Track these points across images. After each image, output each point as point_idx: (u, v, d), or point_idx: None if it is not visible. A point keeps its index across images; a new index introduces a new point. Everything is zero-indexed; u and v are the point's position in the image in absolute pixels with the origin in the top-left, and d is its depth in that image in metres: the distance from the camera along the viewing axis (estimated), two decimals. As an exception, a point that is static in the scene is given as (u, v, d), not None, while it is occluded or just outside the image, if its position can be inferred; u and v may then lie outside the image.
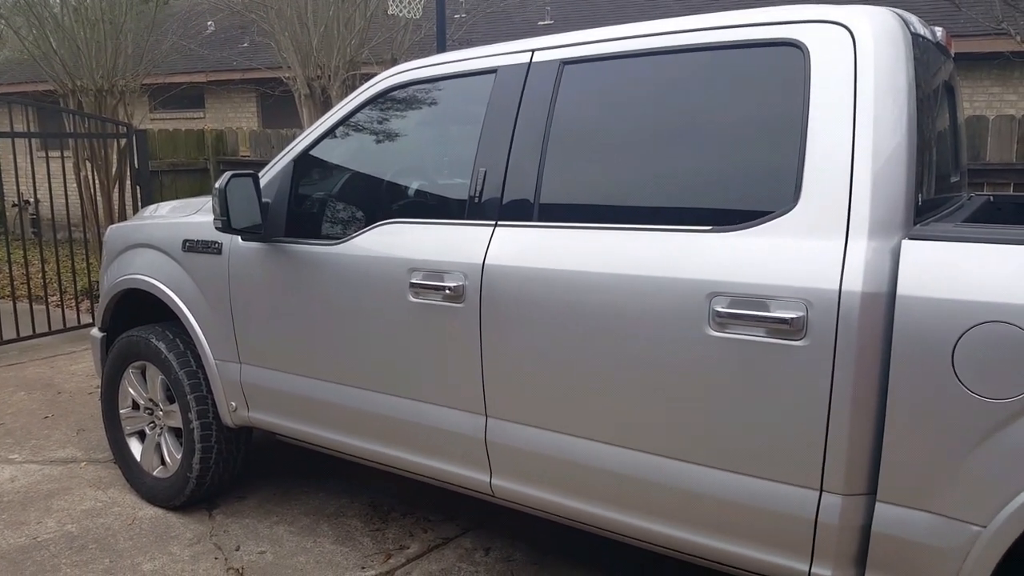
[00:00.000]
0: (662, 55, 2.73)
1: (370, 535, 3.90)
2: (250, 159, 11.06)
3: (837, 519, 2.31)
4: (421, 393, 3.17)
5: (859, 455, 2.26)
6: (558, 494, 2.89)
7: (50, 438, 5.23)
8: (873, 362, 2.21)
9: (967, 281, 2.09)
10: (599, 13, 14.49)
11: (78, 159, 9.83)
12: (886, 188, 2.26)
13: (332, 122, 3.58)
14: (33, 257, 11.92)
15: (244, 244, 3.67)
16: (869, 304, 2.19)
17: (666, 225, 2.59)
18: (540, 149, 2.89)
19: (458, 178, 3.19)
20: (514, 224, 2.92)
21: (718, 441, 2.48)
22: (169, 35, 11.96)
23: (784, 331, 2.31)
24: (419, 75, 3.38)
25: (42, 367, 6.92)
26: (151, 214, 4.60)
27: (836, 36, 2.37)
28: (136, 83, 10.59)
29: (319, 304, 3.42)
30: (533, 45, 3.06)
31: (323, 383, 3.49)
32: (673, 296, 2.50)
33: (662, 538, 2.68)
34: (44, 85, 11.12)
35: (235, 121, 16.08)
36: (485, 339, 2.93)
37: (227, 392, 3.88)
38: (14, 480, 4.58)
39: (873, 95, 2.29)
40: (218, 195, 3.40)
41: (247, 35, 15.43)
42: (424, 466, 3.26)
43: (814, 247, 2.30)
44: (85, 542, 3.86)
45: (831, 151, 2.31)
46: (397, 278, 3.14)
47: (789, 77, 2.43)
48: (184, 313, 3.96)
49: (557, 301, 2.74)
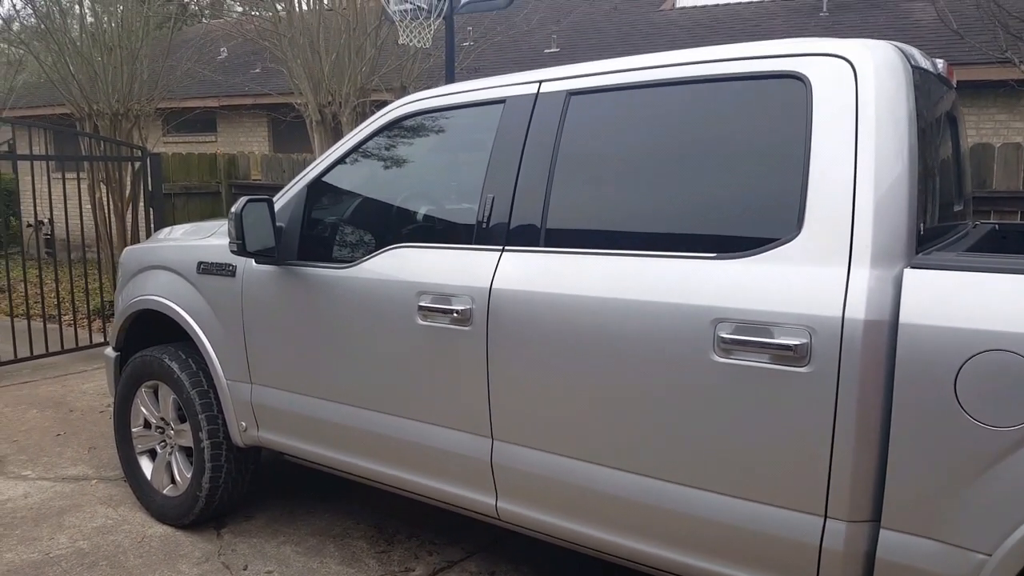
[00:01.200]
0: (667, 86, 2.78)
1: (376, 557, 3.92)
2: (262, 183, 11.14)
3: (841, 546, 2.32)
4: (428, 415, 3.21)
5: (863, 482, 2.28)
6: (563, 518, 2.91)
7: (62, 456, 5.27)
8: (876, 389, 2.24)
9: (969, 309, 2.12)
10: (605, 41, 14.59)
11: (93, 181, 9.93)
12: (888, 217, 2.29)
13: (344, 149, 3.64)
14: (47, 277, 12.01)
15: (257, 267, 3.73)
16: (872, 332, 2.22)
17: (671, 252, 2.63)
18: (547, 176, 2.94)
19: (466, 204, 3.24)
20: (521, 249, 2.96)
21: (722, 467, 2.51)
22: (183, 61, 12.08)
23: (788, 358, 2.34)
24: (429, 104, 3.44)
25: (55, 385, 6.98)
26: (165, 236, 4.67)
27: (838, 69, 2.42)
28: (151, 107, 10.71)
29: (329, 326, 3.46)
30: (540, 76, 3.12)
31: (332, 404, 3.53)
32: (678, 322, 2.53)
33: (667, 563, 2.69)
34: (61, 108, 11.24)
35: (247, 145, 16.20)
36: (491, 362, 2.97)
37: (238, 412, 3.92)
38: (27, 496, 4.62)
39: (875, 126, 2.33)
40: (234, 219, 3.46)
41: (259, 61, 15.57)
42: (430, 488, 3.29)
43: (817, 275, 2.33)
44: (96, 559, 3.90)
45: (834, 181, 2.35)
46: (406, 301, 3.19)
47: (792, 109, 2.48)
48: (197, 334, 4.01)
49: (563, 325, 2.78)
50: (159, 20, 11.72)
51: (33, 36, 11.77)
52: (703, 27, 14.49)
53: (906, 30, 11.84)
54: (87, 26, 10.60)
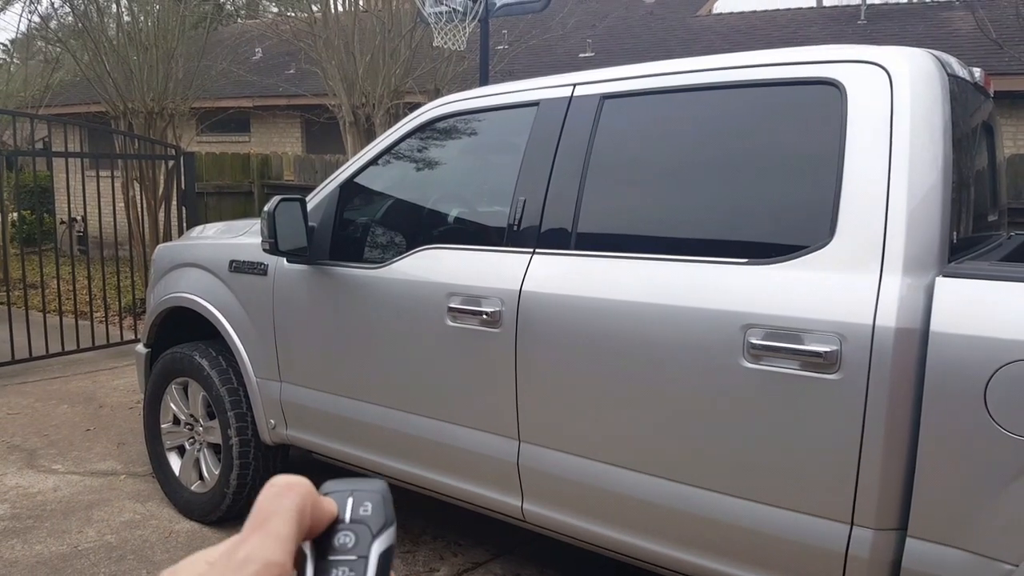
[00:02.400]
0: (701, 91, 2.78)
1: (400, 557, 3.93)
2: (294, 183, 11.24)
3: (867, 553, 2.31)
4: (456, 416, 3.22)
5: (890, 490, 2.27)
6: (589, 521, 2.91)
7: (91, 450, 5.34)
8: (906, 397, 2.23)
9: (1000, 319, 2.10)
10: (641, 46, 14.58)
11: (127, 179, 10.05)
12: (921, 225, 2.28)
13: (378, 150, 3.67)
14: (79, 274, 12.13)
15: (289, 266, 3.76)
16: (902, 340, 2.21)
17: (703, 256, 2.63)
18: (579, 180, 2.95)
19: (497, 206, 3.25)
20: (552, 252, 2.97)
21: (750, 472, 2.50)
22: (218, 61, 12.20)
23: (818, 364, 2.33)
24: (463, 107, 3.46)
25: (85, 381, 7.07)
26: (198, 235, 4.72)
27: (873, 76, 2.41)
28: (185, 106, 10.82)
29: (359, 326, 3.49)
30: (574, 80, 3.12)
31: (360, 403, 3.55)
32: (708, 327, 2.53)
33: (692, 568, 2.69)
34: (96, 107, 11.37)
35: (280, 146, 16.32)
36: (520, 364, 2.98)
37: (267, 410, 3.96)
38: (57, 490, 4.69)
39: (909, 134, 2.32)
40: (266, 218, 3.48)
41: (294, 62, 15.68)
42: (456, 488, 3.30)
43: (849, 282, 2.32)
44: (123, 553, 3.94)
45: (867, 188, 2.34)
46: (436, 302, 3.21)
47: (826, 115, 2.47)
48: (228, 331, 4.05)
49: (592, 328, 2.78)
50: (195, 20, 11.85)
51: (70, 34, 11.93)
52: (739, 33, 14.44)
53: (945, 39, 11.73)
54: (124, 25, 10.73)
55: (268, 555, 0.50)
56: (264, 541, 0.51)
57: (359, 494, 0.56)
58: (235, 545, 0.51)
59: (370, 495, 0.56)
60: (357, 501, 0.56)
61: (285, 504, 0.52)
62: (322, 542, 0.54)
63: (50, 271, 10.51)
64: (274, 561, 0.50)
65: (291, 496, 0.53)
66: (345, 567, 0.53)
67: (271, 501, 0.53)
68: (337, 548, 0.54)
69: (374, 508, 0.56)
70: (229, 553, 0.51)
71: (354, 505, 0.56)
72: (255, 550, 0.50)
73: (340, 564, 0.53)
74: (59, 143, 10.23)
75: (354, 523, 0.55)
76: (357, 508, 0.56)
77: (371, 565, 0.53)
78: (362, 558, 0.53)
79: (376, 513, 0.55)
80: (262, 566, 0.49)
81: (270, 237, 3.49)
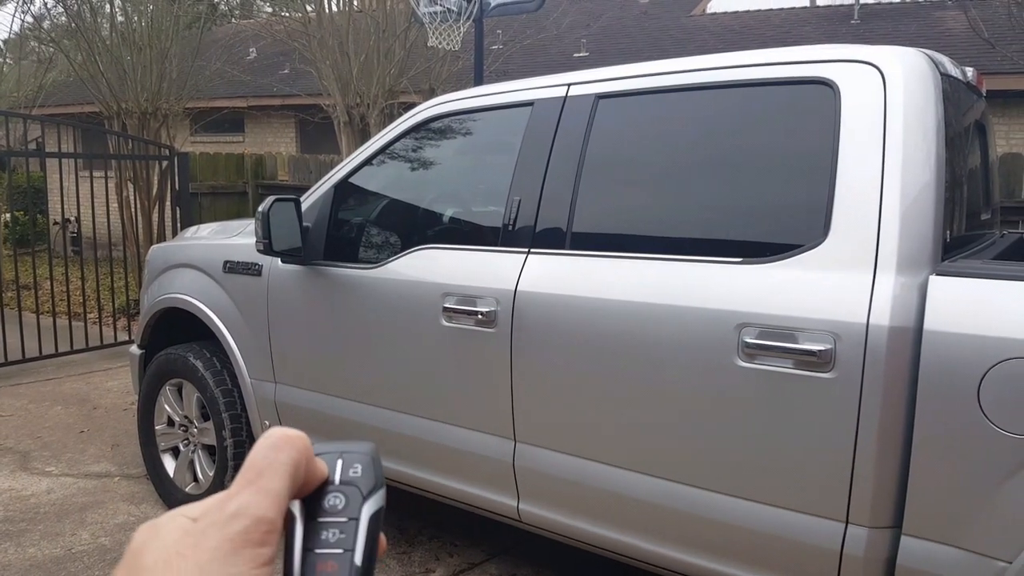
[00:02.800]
0: (695, 91, 2.78)
1: (396, 557, 3.93)
2: (288, 183, 11.22)
3: (862, 552, 2.31)
4: (451, 416, 3.22)
5: (885, 488, 2.28)
6: (584, 521, 2.91)
7: (85, 452, 5.32)
8: (900, 396, 2.23)
9: (994, 317, 2.11)
10: (635, 46, 14.58)
11: (120, 180, 10.02)
12: (914, 224, 2.29)
13: (372, 150, 3.66)
14: (73, 275, 12.14)
15: (283, 266, 3.75)
16: (896, 338, 2.22)
17: (697, 256, 2.63)
18: (574, 179, 2.95)
19: (492, 206, 3.25)
20: (547, 252, 2.97)
21: (745, 471, 2.50)
22: (212, 61, 12.17)
23: (812, 363, 2.33)
24: (458, 106, 3.46)
25: (79, 383, 7.05)
26: (192, 235, 4.71)
27: (867, 76, 2.42)
28: (179, 107, 10.80)
29: (354, 327, 3.48)
30: (569, 79, 3.12)
31: (356, 404, 3.54)
32: (703, 326, 2.53)
33: (686, 567, 2.69)
34: (90, 107, 11.34)
35: (274, 146, 16.29)
36: (515, 364, 2.98)
37: (261, 411, 3.95)
38: (50, 492, 4.67)
39: (902, 133, 2.33)
40: (261, 219, 3.47)
41: (288, 62, 15.66)
42: (452, 489, 3.30)
43: (842, 281, 2.33)
44: (118, 555, 3.93)
45: (860, 187, 2.35)
46: (431, 302, 3.20)
47: (820, 115, 2.47)
48: (222, 332, 4.05)
49: (587, 328, 2.78)
50: (189, 20, 11.81)
51: (63, 34, 11.91)
52: (733, 33, 14.46)
53: (937, 39, 11.75)
54: (117, 25, 10.71)
55: (260, 511, 0.49)
56: (256, 496, 0.49)
57: (348, 456, 0.56)
58: (225, 499, 0.50)
59: (359, 457, 0.56)
60: (347, 463, 0.55)
61: (281, 458, 0.51)
62: (311, 503, 0.54)
63: (43, 272, 10.49)
64: (265, 517, 0.49)
65: (287, 450, 0.52)
66: (335, 529, 0.53)
67: (266, 454, 0.51)
68: (327, 510, 0.53)
69: (363, 470, 0.55)
70: (218, 507, 0.49)
71: (343, 467, 0.55)
72: (246, 505, 0.49)
73: (331, 526, 0.53)
74: (52, 143, 10.19)
75: (344, 484, 0.54)
76: (347, 470, 0.55)
77: (361, 527, 0.53)
78: (352, 520, 0.53)
79: (366, 475, 0.55)
80: (252, 522, 0.48)
81: (264, 237, 3.48)
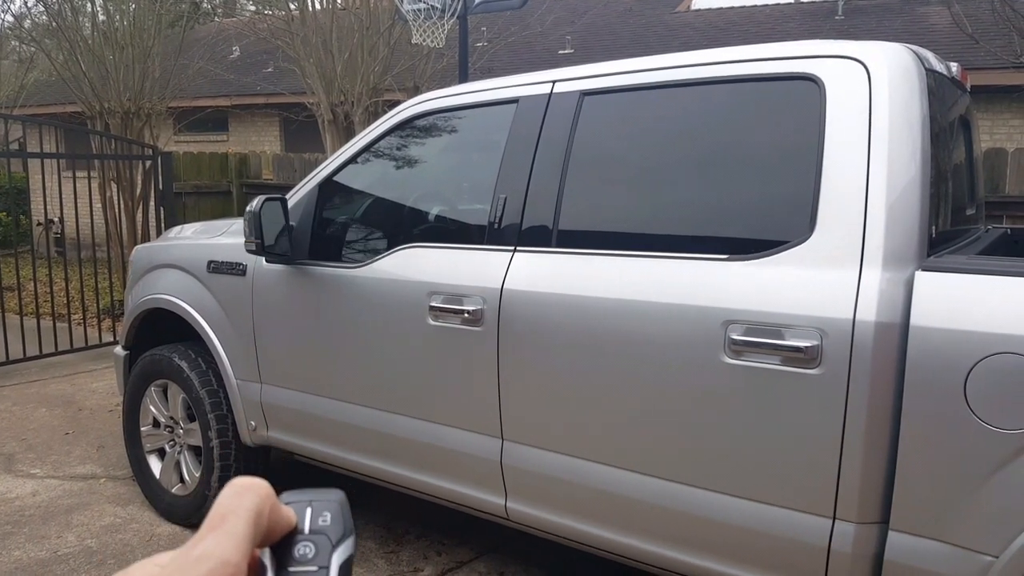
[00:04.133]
0: (680, 87, 2.78)
1: (384, 557, 3.92)
2: (273, 182, 11.18)
3: (850, 547, 2.32)
4: (438, 415, 3.21)
5: (872, 484, 2.28)
6: (572, 518, 2.91)
7: (71, 454, 5.29)
8: (886, 391, 2.23)
9: (980, 312, 2.11)
10: (619, 43, 14.60)
11: (104, 180, 9.97)
12: (900, 220, 2.29)
13: (356, 149, 3.64)
14: (56, 276, 12.06)
15: (268, 266, 3.73)
16: (882, 334, 2.22)
17: (683, 253, 2.63)
18: (559, 177, 2.94)
19: (478, 204, 3.24)
20: (533, 250, 2.96)
21: (732, 468, 2.50)
22: (195, 59, 12.12)
23: (799, 359, 2.33)
24: (442, 104, 3.45)
25: (63, 384, 7.01)
26: (176, 235, 4.68)
27: (851, 71, 2.42)
28: (162, 106, 10.75)
29: (340, 326, 3.47)
30: (554, 76, 3.12)
31: (342, 404, 3.53)
32: (689, 323, 2.53)
33: (675, 564, 2.69)
34: (72, 107, 11.28)
35: (258, 145, 16.24)
36: (502, 363, 2.97)
37: (247, 411, 3.93)
38: (36, 495, 4.64)
39: (888, 129, 2.33)
40: (252, 218, 3.45)
41: (272, 60, 15.62)
42: (440, 488, 3.29)
43: (829, 277, 2.33)
44: (104, 557, 3.91)
45: (846, 183, 2.35)
46: (417, 301, 3.19)
47: (805, 110, 2.47)
48: (207, 333, 4.02)
49: (574, 326, 2.78)
50: (171, 18, 11.77)
51: (45, 34, 11.83)
52: (717, 29, 14.50)
53: (921, 35, 11.82)
54: (99, 24, 10.64)
55: (224, 553, 0.50)
56: (220, 539, 0.51)
57: (318, 504, 0.56)
58: (190, 545, 0.51)
59: (328, 505, 0.56)
60: (316, 511, 0.56)
61: (244, 504, 0.52)
62: (282, 552, 0.54)
63: (27, 273, 10.42)
64: (230, 560, 0.50)
65: (249, 496, 0.53)
66: None
67: (229, 500, 0.53)
68: (297, 559, 0.53)
69: (333, 518, 0.55)
70: (184, 552, 0.51)
71: (313, 515, 0.55)
72: (211, 548, 0.50)
73: (301, 575, 0.53)
74: (34, 144, 10.14)
75: (314, 533, 0.55)
76: (316, 518, 0.55)
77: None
78: (323, 568, 0.53)
79: (335, 523, 0.55)
80: (218, 564, 0.49)
81: (256, 237, 3.46)
